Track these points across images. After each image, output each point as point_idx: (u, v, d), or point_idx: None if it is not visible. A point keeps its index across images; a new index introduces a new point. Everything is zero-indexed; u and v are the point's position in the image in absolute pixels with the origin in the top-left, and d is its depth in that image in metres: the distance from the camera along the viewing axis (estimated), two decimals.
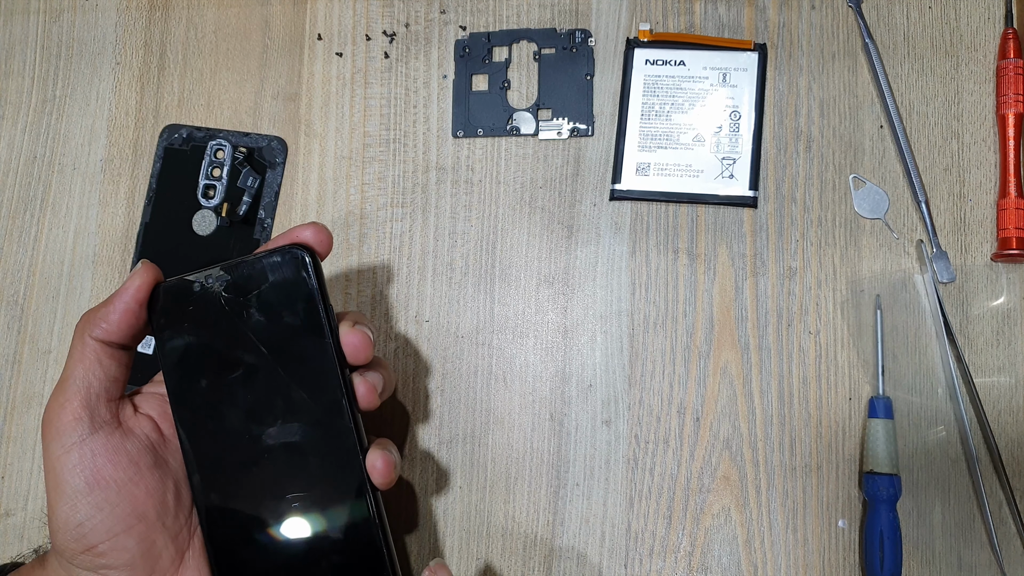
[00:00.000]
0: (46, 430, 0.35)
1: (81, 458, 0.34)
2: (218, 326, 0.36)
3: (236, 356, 0.36)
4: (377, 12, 0.54)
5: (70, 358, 0.36)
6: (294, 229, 0.37)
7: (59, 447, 0.34)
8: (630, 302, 0.50)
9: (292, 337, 0.36)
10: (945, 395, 0.47)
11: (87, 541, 0.34)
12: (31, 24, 0.57)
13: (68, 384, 0.35)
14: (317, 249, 0.37)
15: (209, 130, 0.55)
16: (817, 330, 0.48)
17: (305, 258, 0.36)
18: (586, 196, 0.51)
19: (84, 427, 0.35)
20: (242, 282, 0.36)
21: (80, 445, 0.34)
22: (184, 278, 0.36)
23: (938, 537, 0.46)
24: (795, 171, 0.50)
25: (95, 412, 0.35)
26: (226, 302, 0.36)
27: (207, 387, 0.36)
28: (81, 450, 0.34)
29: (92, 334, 0.36)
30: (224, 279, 0.36)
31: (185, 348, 0.36)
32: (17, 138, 0.56)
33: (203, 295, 0.36)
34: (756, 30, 0.51)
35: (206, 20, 0.56)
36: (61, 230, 0.55)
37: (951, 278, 0.47)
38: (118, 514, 0.34)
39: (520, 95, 0.53)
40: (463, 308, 0.51)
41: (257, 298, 0.36)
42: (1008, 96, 0.48)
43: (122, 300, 0.36)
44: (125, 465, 0.35)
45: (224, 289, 0.36)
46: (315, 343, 0.36)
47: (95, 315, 0.36)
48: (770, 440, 0.47)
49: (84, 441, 0.35)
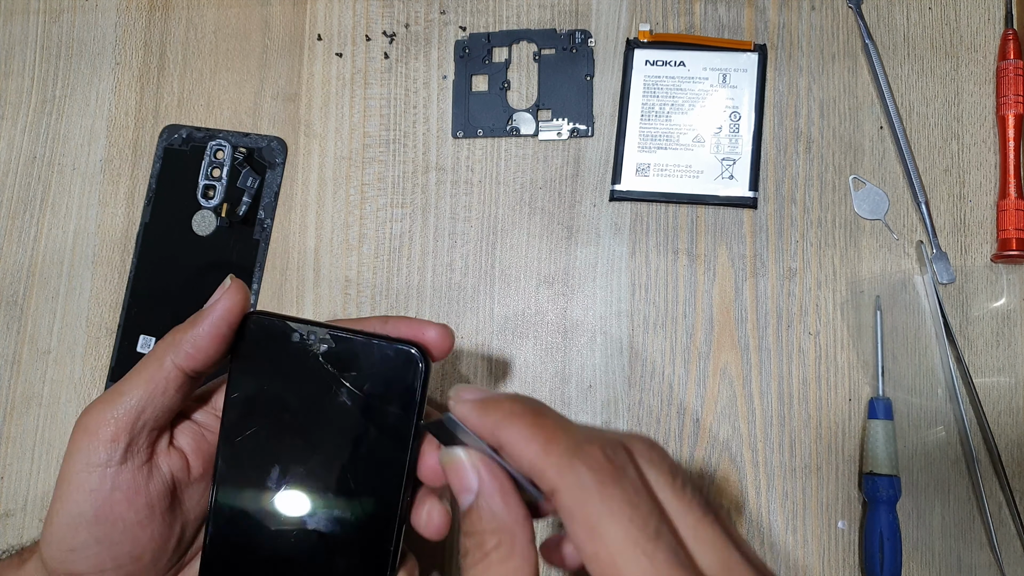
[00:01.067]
0: (79, 433, 0.32)
1: (100, 484, 0.32)
2: (302, 386, 0.33)
3: (307, 423, 0.33)
4: (377, 12, 0.54)
5: (138, 374, 0.32)
6: (422, 323, 0.34)
7: (83, 460, 0.32)
8: (630, 303, 0.50)
9: (372, 432, 0.33)
10: (945, 396, 0.47)
11: (74, 567, 0.32)
12: (31, 24, 0.57)
13: (123, 400, 0.32)
14: (434, 354, 0.34)
15: (209, 130, 0.54)
16: (817, 331, 0.48)
17: (420, 366, 0.33)
18: (586, 197, 0.51)
19: (117, 453, 0.32)
20: (346, 356, 0.33)
21: (103, 471, 0.32)
22: (285, 321, 0.34)
23: (938, 538, 0.46)
24: (795, 172, 0.50)
25: (135, 441, 0.32)
26: (321, 366, 0.33)
27: (264, 440, 0.34)
28: (103, 476, 0.32)
29: (176, 359, 0.32)
30: (328, 343, 0.33)
31: (258, 392, 0.34)
32: (17, 138, 0.56)
33: (299, 348, 0.33)
34: (756, 31, 0.51)
35: (206, 20, 0.56)
36: (61, 230, 0.55)
37: (951, 279, 0.47)
38: (115, 552, 0.32)
39: (520, 96, 0.53)
40: (463, 308, 0.51)
41: (354, 378, 0.33)
42: (1008, 97, 0.48)
43: (211, 323, 0.32)
44: (140, 507, 0.32)
45: (323, 353, 0.33)
46: (392, 450, 0.33)
47: (182, 338, 0.32)
48: (770, 441, 0.47)
49: (109, 468, 0.32)
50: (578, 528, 0.23)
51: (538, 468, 0.24)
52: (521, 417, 0.26)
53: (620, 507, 0.23)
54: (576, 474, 0.23)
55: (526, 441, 0.25)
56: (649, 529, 0.22)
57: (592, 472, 0.23)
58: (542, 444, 0.24)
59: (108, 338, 0.53)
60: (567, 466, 0.23)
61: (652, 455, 0.25)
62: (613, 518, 0.22)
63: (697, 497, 0.25)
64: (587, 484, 0.23)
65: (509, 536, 0.25)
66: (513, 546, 0.25)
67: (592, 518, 0.23)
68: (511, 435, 0.25)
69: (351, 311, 0.51)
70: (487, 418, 0.26)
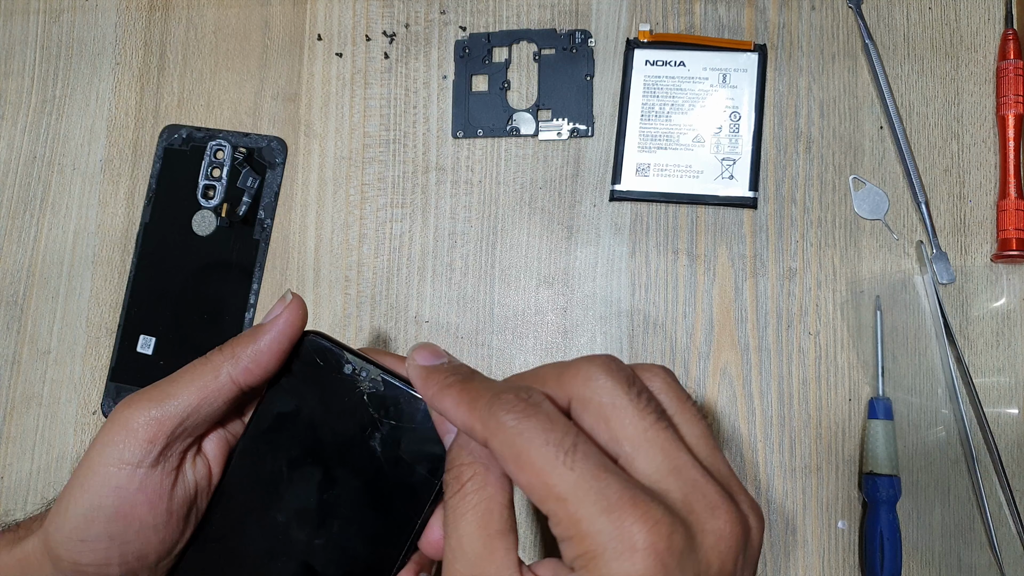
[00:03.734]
0: (116, 427, 0.31)
1: (128, 483, 0.31)
2: (338, 419, 0.33)
3: (332, 457, 0.33)
4: (377, 13, 0.54)
5: (190, 379, 0.32)
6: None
7: (115, 455, 0.31)
8: (630, 303, 0.50)
9: (393, 485, 0.33)
10: (945, 396, 0.47)
11: (80, 558, 0.31)
12: (31, 24, 0.57)
13: (170, 402, 0.31)
14: None
15: (209, 130, 0.55)
16: (817, 331, 0.48)
17: None
18: (586, 197, 0.51)
19: (152, 456, 0.31)
20: (391, 403, 0.33)
21: (134, 470, 0.31)
22: (341, 349, 0.33)
23: (938, 538, 0.46)
24: (795, 172, 0.50)
25: (171, 446, 0.32)
26: (363, 406, 0.33)
27: (282, 462, 0.33)
28: (132, 476, 0.31)
29: (233, 372, 0.32)
30: (377, 385, 0.33)
31: (291, 412, 0.33)
32: (17, 138, 0.56)
33: (347, 381, 0.33)
34: (756, 31, 0.51)
35: (206, 20, 0.56)
36: (61, 230, 0.55)
37: (951, 279, 0.47)
38: (123, 551, 0.32)
39: (520, 96, 0.53)
40: (463, 308, 0.51)
41: (392, 427, 0.33)
42: (1008, 97, 0.48)
43: (273, 338, 0.32)
44: (160, 511, 0.32)
45: (370, 394, 0.33)
46: (406, 509, 0.33)
47: (242, 351, 0.32)
48: (770, 441, 0.47)
49: (140, 469, 0.31)
50: (510, 465, 0.25)
51: (468, 426, 0.26)
52: (451, 387, 0.28)
53: (536, 434, 0.25)
54: (496, 419, 0.25)
55: (456, 406, 0.27)
56: (566, 444, 0.24)
57: (509, 414, 0.25)
58: (468, 405, 0.27)
59: (108, 338, 0.53)
60: (488, 415, 0.26)
61: (608, 373, 0.27)
62: (532, 444, 0.24)
63: (651, 404, 0.26)
64: (507, 424, 0.25)
65: (483, 468, 0.27)
66: (487, 477, 0.27)
67: (516, 451, 0.25)
68: (446, 404, 0.28)
69: (351, 311, 0.51)
70: (428, 390, 0.29)
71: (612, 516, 0.23)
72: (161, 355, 0.53)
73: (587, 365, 0.27)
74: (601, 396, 0.26)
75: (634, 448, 0.25)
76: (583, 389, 0.26)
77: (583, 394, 0.26)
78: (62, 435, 0.52)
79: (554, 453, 0.24)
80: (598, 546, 0.23)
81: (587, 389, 0.26)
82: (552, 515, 0.24)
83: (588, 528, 0.23)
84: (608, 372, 0.26)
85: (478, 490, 0.27)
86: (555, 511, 0.24)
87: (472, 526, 0.26)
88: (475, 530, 0.26)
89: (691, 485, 0.25)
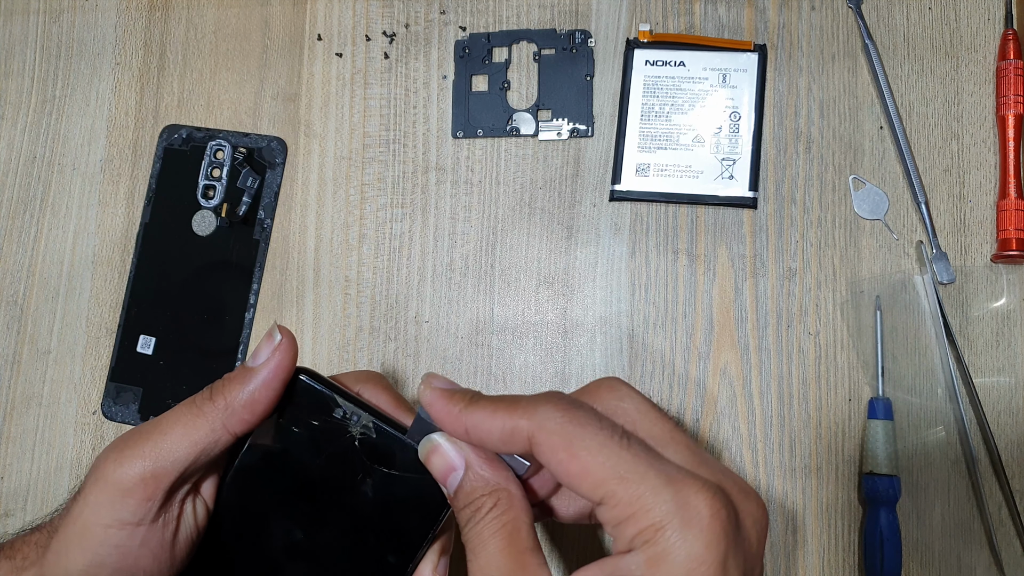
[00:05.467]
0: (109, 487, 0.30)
1: (128, 541, 0.30)
2: (327, 462, 0.32)
3: (319, 500, 0.32)
4: (377, 13, 0.54)
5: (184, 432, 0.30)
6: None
7: (112, 516, 0.29)
8: (630, 303, 0.50)
9: (381, 532, 0.32)
10: (945, 396, 0.47)
11: None
12: (31, 24, 0.57)
13: (165, 458, 0.30)
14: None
15: (209, 130, 0.55)
16: (817, 331, 0.48)
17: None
18: (586, 197, 0.51)
19: (151, 513, 0.30)
20: (383, 450, 0.32)
21: (134, 529, 0.30)
22: (332, 393, 0.32)
23: (937, 538, 0.46)
24: (795, 172, 0.50)
25: (170, 498, 0.30)
26: (354, 451, 0.32)
27: (267, 501, 0.33)
28: (133, 535, 0.30)
29: (229, 424, 0.30)
30: (368, 432, 0.32)
31: (279, 451, 0.32)
32: (17, 138, 0.56)
33: (337, 425, 0.32)
34: (756, 31, 0.51)
35: (206, 20, 0.56)
36: (61, 230, 0.55)
37: (951, 279, 0.47)
38: None
39: (520, 96, 0.53)
40: (463, 309, 0.51)
41: (383, 474, 0.32)
42: (1008, 97, 0.48)
43: (265, 383, 0.31)
44: (164, 559, 0.31)
45: (361, 439, 0.32)
46: (395, 557, 0.32)
47: (234, 400, 0.30)
48: (770, 441, 0.47)
49: (140, 527, 0.30)
50: (561, 454, 0.26)
51: (510, 426, 0.27)
52: (480, 399, 0.28)
53: (589, 421, 0.26)
54: (544, 414, 0.26)
55: (492, 412, 0.27)
56: (618, 430, 0.26)
57: (557, 408, 0.26)
58: (507, 406, 0.27)
59: (108, 338, 0.53)
60: (535, 412, 0.26)
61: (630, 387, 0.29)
62: (587, 430, 0.26)
63: (664, 413, 0.29)
64: (556, 418, 0.26)
65: (505, 493, 0.28)
66: (511, 500, 0.28)
67: (570, 438, 0.26)
68: (478, 415, 0.28)
69: (351, 311, 0.51)
70: (454, 406, 0.29)
71: (675, 488, 0.24)
72: (161, 355, 0.53)
73: (609, 380, 0.29)
74: (628, 403, 0.28)
75: (663, 446, 0.27)
76: (609, 397, 0.29)
77: (611, 402, 0.28)
78: (62, 435, 0.52)
79: (609, 435, 0.25)
80: (663, 517, 0.24)
81: (614, 397, 0.29)
82: (609, 497, 0.25)
83: (652, 501, 0.24)
84: (629, 386, 0.29)
85: (502, 514, 0.27)
86: (614, 491, 0.25)
87: (502, 544, 0.27)
88: (505, 547, 0.27)
89: (721, 474, 0.26)
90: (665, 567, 0.24)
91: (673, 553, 0.24)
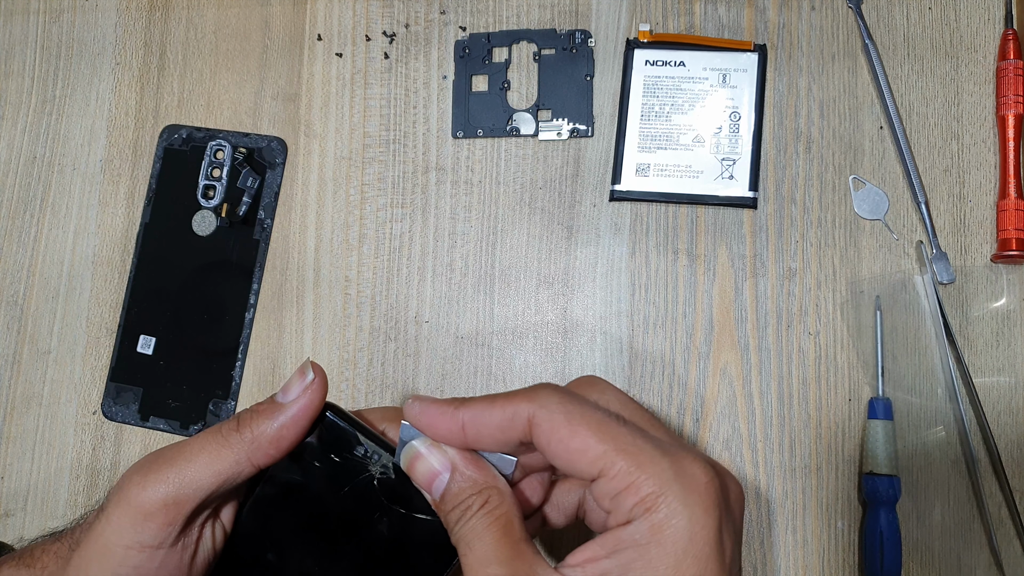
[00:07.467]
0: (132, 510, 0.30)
1: (148, 563, 0.30)
2: (346, 497, 0.32)
3: (334, 534, 0.32)
4: (377, 13, 0.54)
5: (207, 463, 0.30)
6: None
7: (132, 538, 0.30)
8: (630, 303, 0.50)
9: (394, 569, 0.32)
10: (945, 396, 0.47)
11: None
12: (31, 24, 0.57)
13: (188, 486, 0.30)
14: None
15: (209, 130, 0.55)
16: (817, 331, 0.48)
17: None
18: (586, 197, 0.51)
19: (171, 537, 0.30)
20: (402, 491, 0.32)
21: (153, 552, 0.30)
22: (356, 431, 0.32)
23: (937, 538, 0.46)
24: (795, 172, 0.50)
25: (190, 524, 0.31)
26: (372, 489, 0.32)
27: (283, 530, 0.33)
28: (152, 557, 0.30)
29: (253, 458, 0.31)
30: (388, 472, 0.32)
31: (298, 483, 0.32)
32: (17, 138, 0.56)
33: (358, 462, 0.32)
34: (756, 31, 0.51)
35: (206, 20, 0.56)
36: (61, 230, 0.55)
37: (951, 279, 0.47)
38: None
39: (520, 96, 0.53)
40: (463, 309, 0.51)
41: (401, 515, 0.32)
42: (1008, 97, 0.48)
43: (295, 421, 0.31)
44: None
45: (380, 478, 0.32)
46: None
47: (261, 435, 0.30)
48: (770, 441, 0.47)
49: (159, 551, 0.30)
50: (560, 432, 0.27)
51: (510, 411, 0.28)
52: (471, 398, 0.29)
53: (585, 404, 0.27)
54: (544, 396, 0.28)
55: (491, 403, 0.28)
56: (612, 415, 0.27)
57: (555, 392, 0.28)
58: (505, 396, 0.28)
59: (108, 338, 0.53)
60: (535, 395, 0.28)
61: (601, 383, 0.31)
62: (586, 409, 0.27)
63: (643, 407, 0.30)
64: (556, 399, 0.27)
65: (494, 490, 0.28)
66: (501, 496, 0.28)
67: (569, 418, 0.27)
68: (476, 408, 0.29)
69: (351, 311, 0.51)
70: (447, 407, 0.29)
71: (672, 458, 0.26)
72: (161, 355, 0.53)
73: (589, 378, 0.31)
74: (609, 395, 0.30)
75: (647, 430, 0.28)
76: (591, 391, 0.30)
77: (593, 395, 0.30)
78: (62, 435, 0.52)
79: (606, 415, 0.27)
80: (663, 485, 0.25)
81: (595, 391, 0.30)
82: (608, 469, 0.26)
83: (651, 471, 0.25)
84: (608, 382, 0.31)
85: (493, 510, 0.28)
86: (612, 463, 0.26)
87: (498, 534, 0.27)
88: (501, 537, 0.27)
89: (702, 454, 0.28)
90: (668, 531, 0.25)
91: (676, 518, 0.25)
